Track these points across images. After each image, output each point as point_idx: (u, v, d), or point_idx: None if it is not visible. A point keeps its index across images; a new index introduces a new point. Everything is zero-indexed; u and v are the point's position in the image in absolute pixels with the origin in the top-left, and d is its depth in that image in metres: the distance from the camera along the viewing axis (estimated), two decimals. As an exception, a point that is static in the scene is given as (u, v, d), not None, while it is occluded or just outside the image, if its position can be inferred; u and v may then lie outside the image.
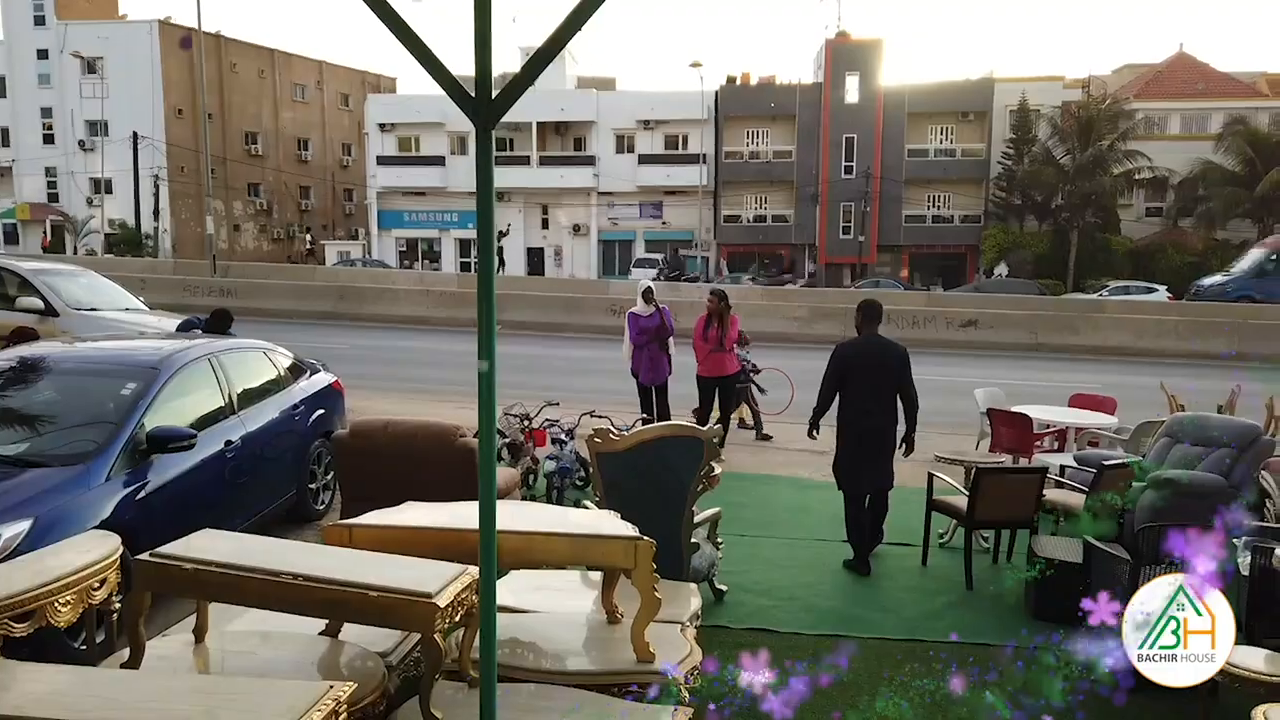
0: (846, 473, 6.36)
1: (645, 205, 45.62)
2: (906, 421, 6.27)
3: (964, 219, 42.84)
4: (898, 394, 6.23)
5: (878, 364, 6.25)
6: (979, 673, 4.82)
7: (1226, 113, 39.26)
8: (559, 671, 3.68)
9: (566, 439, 7.59)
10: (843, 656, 4.97)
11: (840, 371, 6.30)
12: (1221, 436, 6.53)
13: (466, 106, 2.40)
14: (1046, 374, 14.98)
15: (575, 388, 12.28)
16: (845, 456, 6.34)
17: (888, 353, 6.28)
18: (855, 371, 6.27)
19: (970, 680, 4.69)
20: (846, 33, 43.43)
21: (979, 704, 4.50)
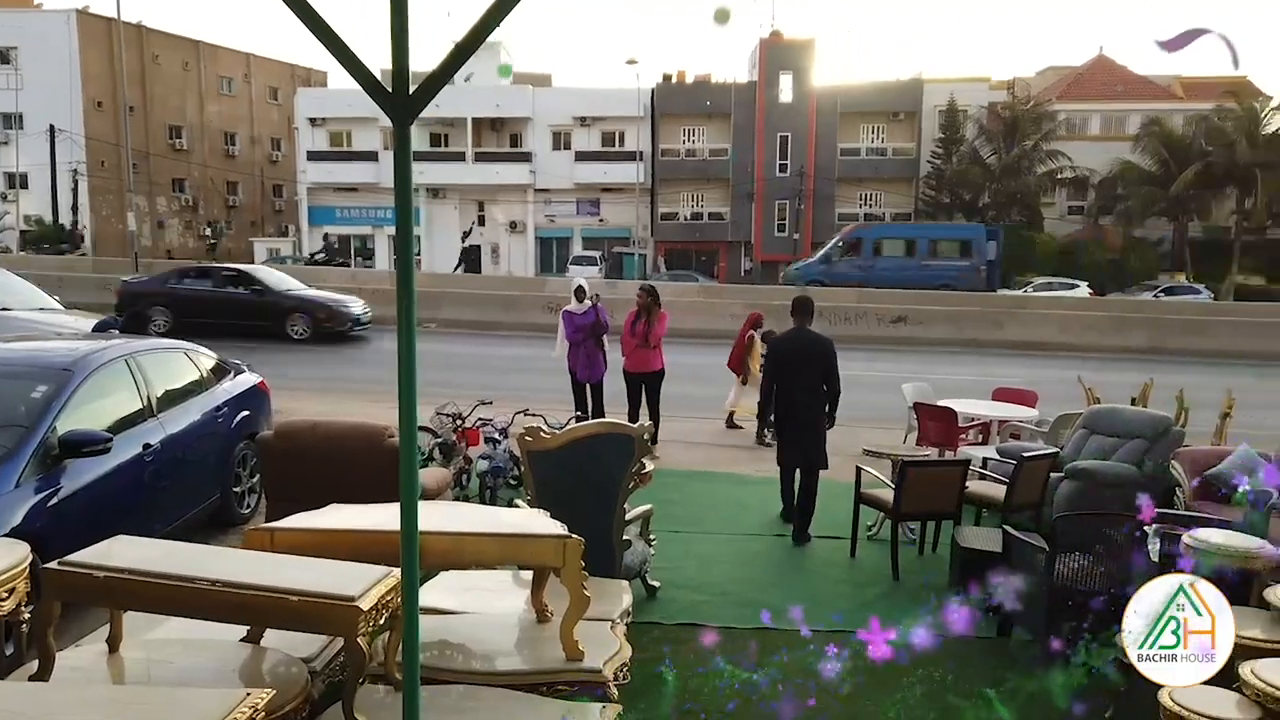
0: (782, 450, 7.02)
1: (582, 203, 45.49)
2: (829, 405, 6.83)
3: (895, 217, 43.61)
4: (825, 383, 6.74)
5: (807, 355, 6.73)
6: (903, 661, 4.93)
7: (1143, 114, 40.67)
8: (487, 672, 3.67)
9: (500, 438, 7.54)
10: (773, 648, 5.07)
11: (775, 363, 6.84)
12: (1135, 428, 6.80)
13: (383, 102, 2.36)
14: (973, 368, 15.36)
15: (511, 386, 12.21)
16: (781, 437, 7.01)
17: (816, 345, 6.76)
18: (787, 362, 6.79)
19: (898, 669, 4.80)
20: (780, 32, 43.88)
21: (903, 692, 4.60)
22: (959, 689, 4.58)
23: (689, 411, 11.10)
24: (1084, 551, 4.72)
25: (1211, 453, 6.50)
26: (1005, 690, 4.50)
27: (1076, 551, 4.72)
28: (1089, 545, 4.70)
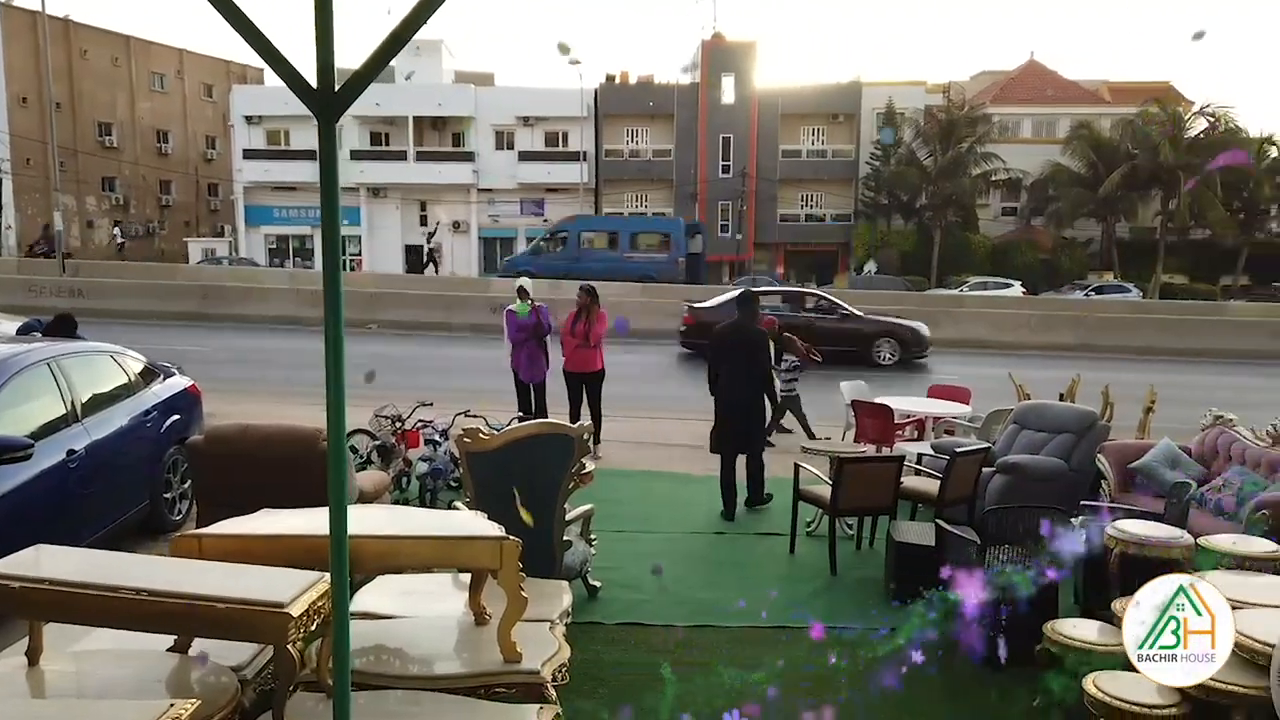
0: (717, 438, 7.37)
1: (526, 202, 45.25)
2: (766, 392, 7.39)
3: (835, 217, 44.24)
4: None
5: (741, 344, 7.27)
6: (840, 654, 5.01)
7: (1072, 118, 41.90)
8: (425, 676, 3.63)
9: (440, 440, 7.47)
10: (713, 645, 5.11)
11: (715, 351, 7.36)
12: (1063, 423, 6.99)
13: (307, 98, 2.32)
14: (910, 366, 15.65)
15: (454, 387, 12.10)
16: (716, 424, 7.36)
17: (749, 336, 7.33)
18: (724, 351, 7.31)
19: (831, 662, 4.87)
20: (721, 34, 44.17)
21: (838, 684, 4.67)
22: (897, 684, 4.65)
23: (632, 411, 11.12)
24: (1013, 544, 4.84)
25: (1135, 446, 6.71)
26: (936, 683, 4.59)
27: (1006, 544, 4.84)
28: (1017, 537, 4.82)
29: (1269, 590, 3.96)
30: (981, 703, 4.22)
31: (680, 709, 4.29)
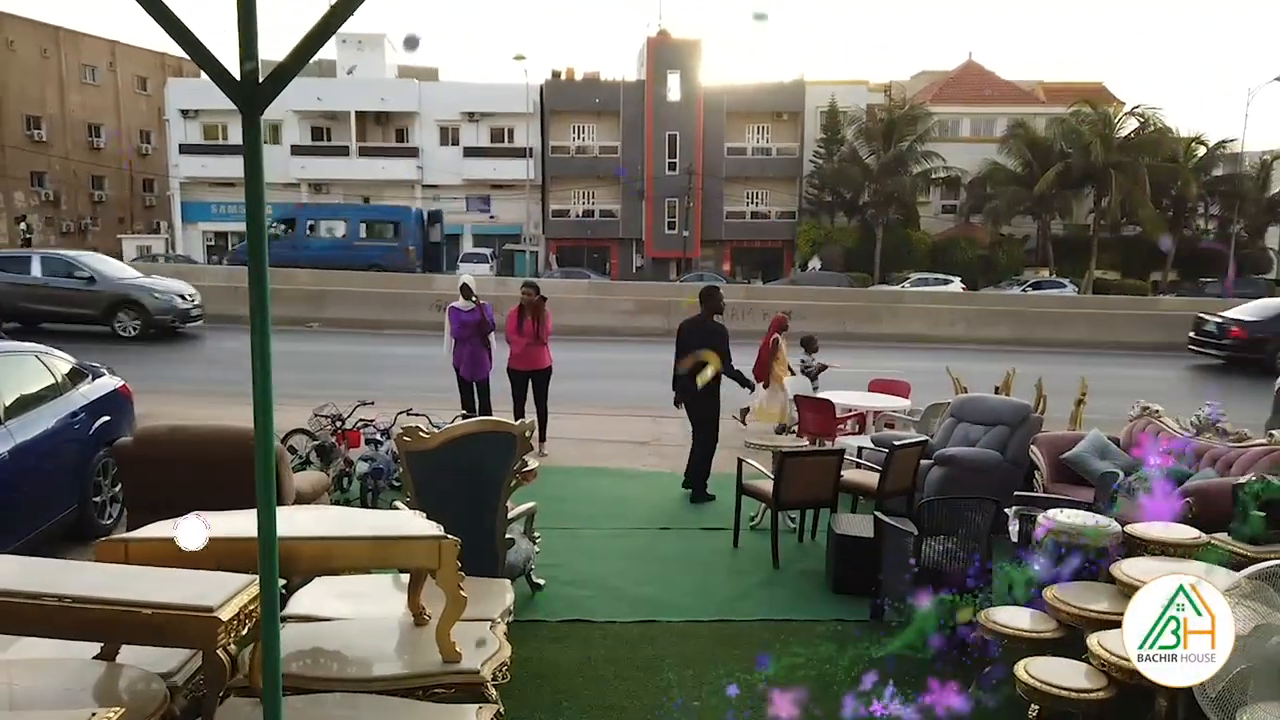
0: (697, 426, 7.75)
1: (472, 199, 44.88)
2: (730, 376, 7.81)
3: (780, 215, 44.64)
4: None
5: (707, 338, 7.65)
6: (781, 645, 5.07)
7: (1009, 117, 42.84)
8: (362, 678, 3.58)
9: (382, 439, 7.37)
10: (656, 640, 5.13)
11: (682, 343, 7.73)
12: (999, 415, 7.15)
13: (230, 91, 2.27)
14: (852, 361, 15.83)
15: (396, 386, 11.95)
16: (688, 413, 7.80)
17: (713, 330, 7.75)
18: (691, 344, 7.66)
19: (773, 654, 4.93)
20: (667, 31, 44.27)
21: (779, 674, 4.71)
22: (834, 672, 4.72)
23: (578, 408, 11.10)
24: (948, 534, 4.94)
25: (1067, 437, 6.89)
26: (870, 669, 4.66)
27: (941, 534, 4.93)
28: (953, 528, 4.92)
29: (1189, 576, 4.08)
30: (915, 690, 4.28)
31: (624, 704, 4.31)
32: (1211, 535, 4.68)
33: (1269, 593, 2.79)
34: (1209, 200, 40.74)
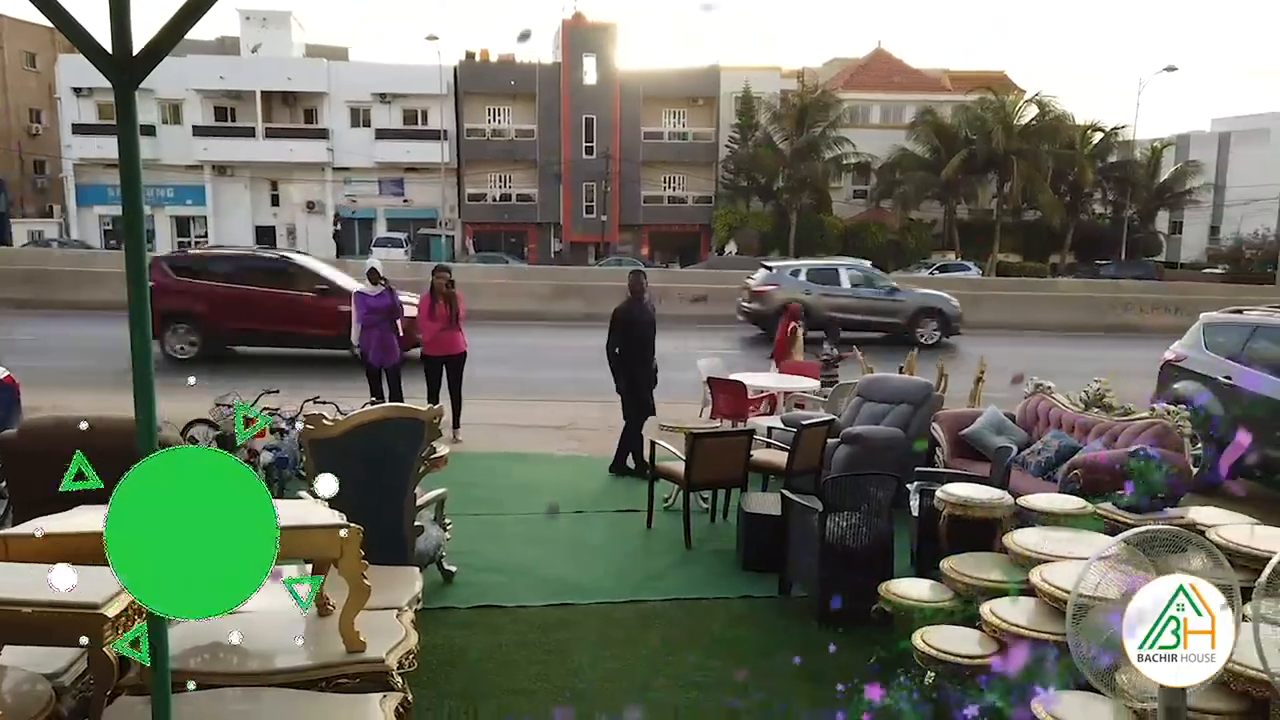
0: (639, 404, 7.99)
1: (385, 182, 43.91)
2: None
3: (697, 199, 44.93)
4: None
5: (642, 320, 7.96)
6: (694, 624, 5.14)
7: (917, 105, 43.91)
8: (263, 671, 3.51)
9: (288, 428, 7.21)
10: (568, 623, 5.15)
11: (624, 332, 7.91)
12: (902, 394, 7.36)
13: (102, 64, 2.18)
14: (766, 344, 16.09)
15: (306, 374, 11.68)
16: (638, 392, 7.99)
17: (647, 312, 8.06)
18: (626, 326, 7.90)
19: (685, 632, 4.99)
20: (582, 14, 43.97)
21: (691, 652, 4.78)
22: (742, 647, 4.82)
23: (494, 393, 11.02)
24: (853, 510, 5.07)
25: (966, 414, 7.14)
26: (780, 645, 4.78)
27: (846, 510, 5.07)
28: (856, 504, 5.06)
29: (1074, 544, 4.29)
30: (822, 661, 4.41)
31: (534, 688, 4.32)
32: (1097, 505, 4.91)
33: (1140, 557, 2.94)
34: (1104, 186, 42.50)
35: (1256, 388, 7.44)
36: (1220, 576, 2.86)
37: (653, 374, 8.17)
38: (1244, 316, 8.23)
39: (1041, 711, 3.33)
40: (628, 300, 8.06)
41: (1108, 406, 6.48)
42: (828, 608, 4.89)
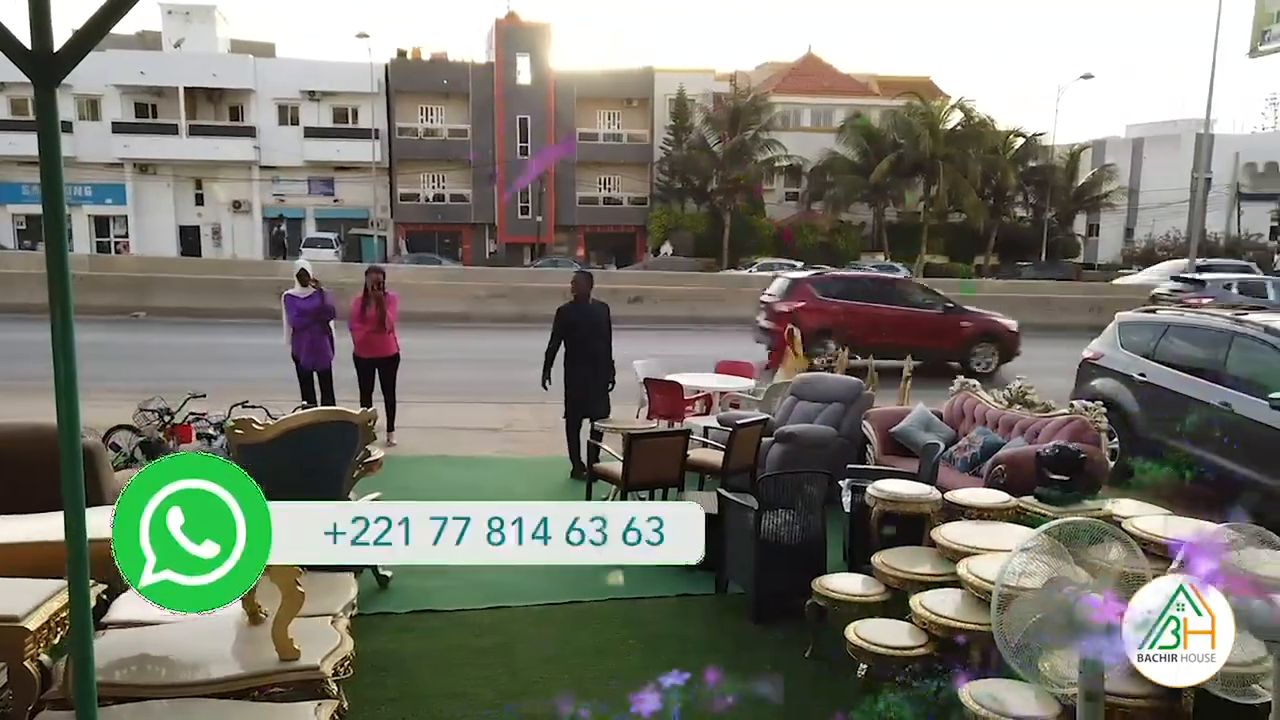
0: (574, 404, 7.94)
1: (315, 181, 43.06)
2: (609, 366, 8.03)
3: (632, 200, 45.07)
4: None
5: (592, 321, 7.92)
6: (630, 623, 5.17)
7: (847, 109, 44.74)
8: (193, 682, 3.43)
9: (215, 433, 7.04)
10: (507, 625, 5.13)
11: (563, 328, 7.89)
12: (834, 393, 7.50)
13: (22, 61, 2.12)
14: (700, 344, 16.23)
15: (234, 377, 11.40)
16: (572, 392, 7.92)
17: (597, 313, 8.01)
18: (574, 328, 7.88)
19: (623, 631, 5.02)
20: (515, 14, 43.74)
21: (628, 651, 4.81)
22: (680, 645, 4.86)
23: (429, 396, 10.91)
24: (787, 507, 5.16)
25: (895, 412, 7.31)
26: (715, 642, 4.84)
27: (780, 507, 5.15)
28: (791, 501, 5.15)
29: (999, 537, 4.43)
30: (757, 657, 4.48)
31: (473, 691, 4.30)
32: (1020, 499, 5.08)
33: (1060, 548, 3.06)
34: (1025, 189, 43.84)
35: (1168, 384, 7.77)
36: (1135, 565, 3.00)
37: (600, 375, 8.01)
38: (1156, 316, 8.58)
39: (968, 699, 3.44)
40: (571, 301, 8.06)
41: (1029, 403, 6.70)
42: (763, 604, 4.97)
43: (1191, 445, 7.33)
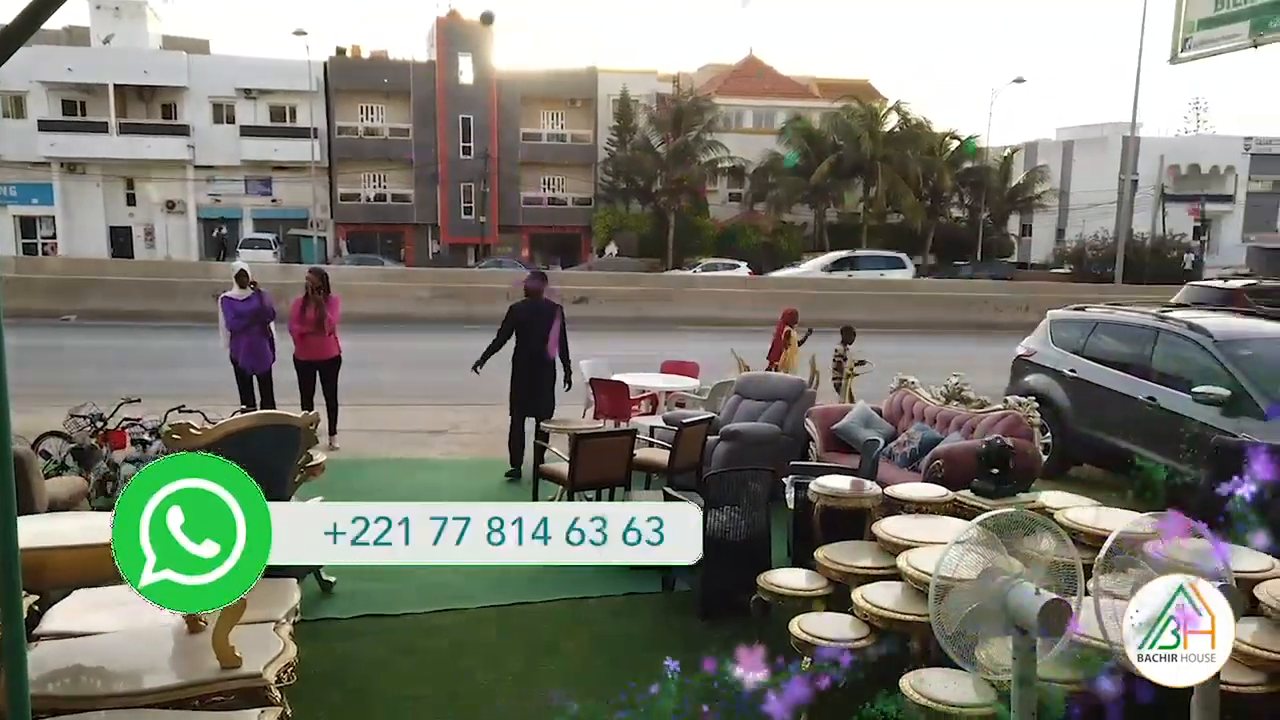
0: (519, 403, 7.96)
1: (252, 181, 42.19)
2: (563, 361, 8.11)
3: (577, 201, 45.03)
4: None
5: (542, 321, 7.92)
6: (576, 623, 5.19)
7: (788, 111, 45.28)
8: (131, 693, 3.36)
9: (151, 439, 6.88)
10: (453, 628, 5.11)
11: (513, 325, 7.95)
12: (778, 391, 7.60)
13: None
14: (646, 344, 16.30)
15: (169, 381, 11.14)
16: (519, 391, 7.94)
17: (550, 312, 8.01)
18: (526, 326, 7.92)
19: (570, 631, 5.03)
20: (457, 12, 43.37)
21: (573, 650, 4.82)
22: (627, 644, 4.90)
23: (372, 398, 10.79)
24: (732, 504, 5.23)
25: (837, 410, 7.44)
26: (660, 638, 4.88)
27: (726, 504, 5.21)
28: (736, 498, 5.21)
29: (937, 530, 4.55)
30: (705, 653, 4.52)
31: (420, 695, 4.28)
32: (957, 493, 5.21)
33: (995, 539, 3.15)
34: (961, 191, 44.83)
35: (1097, 379, 8.02)
36: (1065, 555, 3.11)
37: (547, 376, 8.04)
38: (1086, 313, 8.85)
39: (908, 688, 3.54)
40: (524, 300, 8.09)
41: (965, 400, 6.87)
42: (710, 601, 5.03)
43: (1119, 438, 7.58)
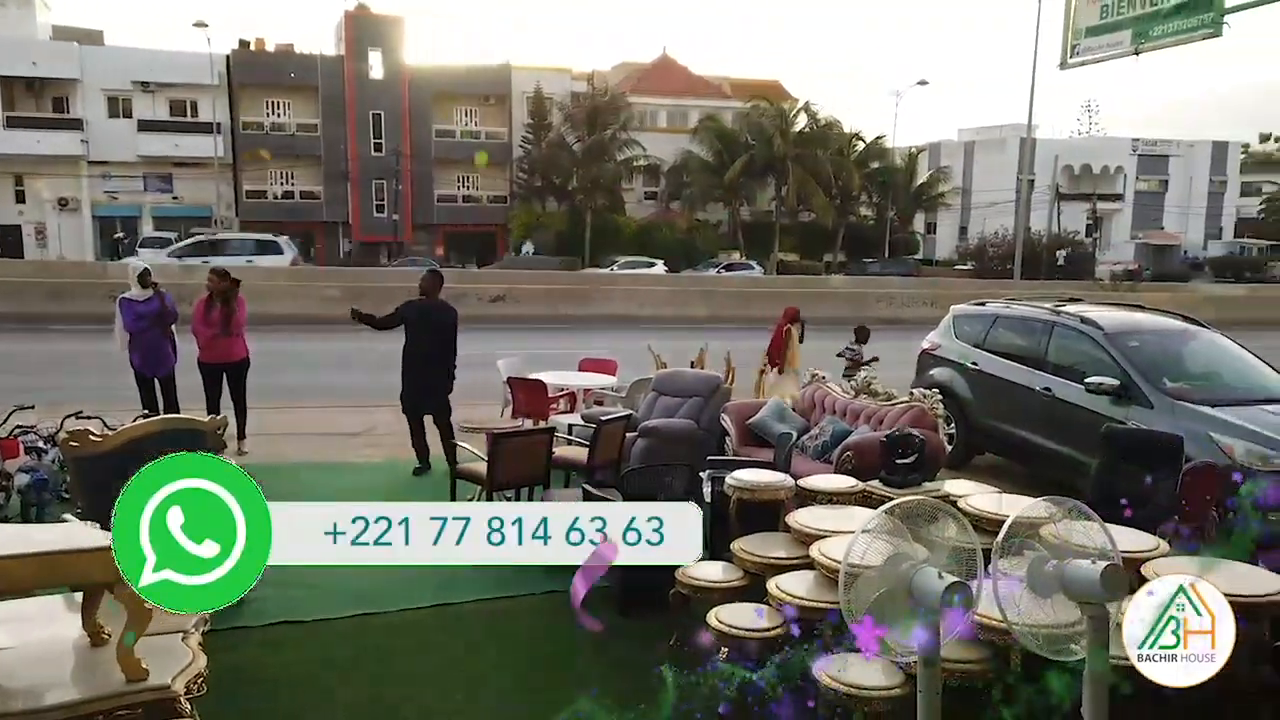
0: (411, 402, 7.96)
1: (151, 178, 40.57)
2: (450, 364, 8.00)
3: (492, 199, 44.63)
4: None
5: (435, 321, 7.87)
6: (495, 624, 5.19)
7: (701, 110, 45.75)
8: (30, 710, 3.24)
9: (46, 447, 6.60)
10: (370, 633, 5.05)
11: (403, 319, 7.89)
12: (694, 388, 7.71)
13: None
14: (564, 342, 16.29)
15: (65, 386, 10.69)
16: (409, 389, 7.94)
17: (443, 312, 7.97)
18: (416, 325, 7.84)
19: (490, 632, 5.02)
20: (366, 6, 42.50)
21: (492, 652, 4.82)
22: (547, 642, 4.91)
23: (283, 402, 10.53)
24: (651, 499, 5.28)
25: (752, 405, 7.58)
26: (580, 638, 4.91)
27: (644, 501, 5.26)
28: (653, 494, 5.27)
29: (848, 519, 4.69)
30: (623, 649, 4.58)
31: (336, 702, 4.22)
32: (866, 483, 5.38)
33: (900, 526, 3.28)
34: (869, 190, 46.02)
35: (997, 371, 8.36)
36: (966, 540, 3.25)
37: (433, 375, 7.93)
38: (986, 308, 9.21)
39: (821, 674, 3.65)
40: (418, 298, 8.00)
41: (874, 393, 7.09)
42: (629, 596, 5.08)
43: (1019, 428, 7.92)
